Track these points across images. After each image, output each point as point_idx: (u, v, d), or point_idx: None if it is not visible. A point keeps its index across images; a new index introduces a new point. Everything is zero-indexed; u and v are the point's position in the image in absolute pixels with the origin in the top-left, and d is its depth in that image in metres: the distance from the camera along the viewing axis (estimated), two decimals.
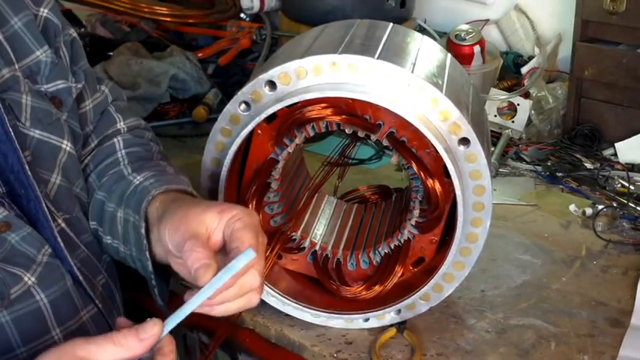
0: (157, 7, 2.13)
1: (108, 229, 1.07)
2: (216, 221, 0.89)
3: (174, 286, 1.07)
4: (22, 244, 0.93)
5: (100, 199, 1.08)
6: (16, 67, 1.00)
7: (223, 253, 0.88)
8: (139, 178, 1.06)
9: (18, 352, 0.91)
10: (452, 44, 1.77)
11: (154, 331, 0.77)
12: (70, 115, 1.07)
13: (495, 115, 1.72)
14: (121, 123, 1.17)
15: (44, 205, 0.95)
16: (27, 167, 0.94)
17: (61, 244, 0.96)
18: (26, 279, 0.92)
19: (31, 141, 0.99)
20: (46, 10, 1.06)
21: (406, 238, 1.07)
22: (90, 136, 1.14)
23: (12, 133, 0.93)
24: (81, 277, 0.97)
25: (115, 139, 1.14)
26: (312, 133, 1.02)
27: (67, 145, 1.04)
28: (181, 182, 1.05)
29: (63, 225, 1.00)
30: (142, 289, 1.06)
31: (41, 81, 1.03)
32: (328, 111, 0.99)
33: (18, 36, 1.01)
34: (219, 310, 0.85)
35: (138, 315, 0.84)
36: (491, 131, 1.60)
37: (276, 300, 1.11)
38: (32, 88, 1.02)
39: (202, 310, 0.83)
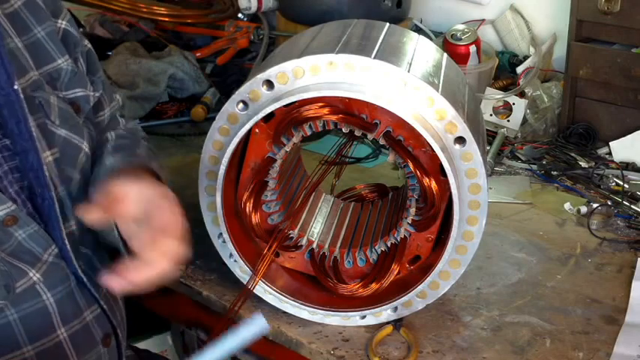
0: (156, 7, 2.14)
1: None
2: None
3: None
4: (28, 241, 0.93)
5: None
6: (37, 72, 1.01)
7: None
8: (110, 159, 1.07)
9: (24, 350, 0.92)
10: (448, 44, 1.78)
11: None
12: (86, 121, 1.08)
13: (491, 115, 1.72)
14: (122, 125, 1.18)
15: (57, 206, 0.96)
16: (45, 167, 0.95)
17: (68, 246, 0.97)
18: (31, 274, 0.93)
19: (58, 139, 1.00)
20: (64, 22, 1.08)
21: (402, 236, 1.07)
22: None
23: (33, 132, 0.94)
24: (85, 279, 0.98)
25: (108, 134, 1.15)
26: (309, 132, 1.03)
27: (85, 146, 1.05)
28: (144, 160, 1.07)
29: (73, 227, 1.00)
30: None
31: (60, 87, 1.04)
32: (325, 110, 1.00)
33: (40, 44, 1.03)
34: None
35: (139, 315, 0.85)
36: (487, 130, 1.61)
37: (273, 297, 1.12)
38: (54, 92, 1.03)
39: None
